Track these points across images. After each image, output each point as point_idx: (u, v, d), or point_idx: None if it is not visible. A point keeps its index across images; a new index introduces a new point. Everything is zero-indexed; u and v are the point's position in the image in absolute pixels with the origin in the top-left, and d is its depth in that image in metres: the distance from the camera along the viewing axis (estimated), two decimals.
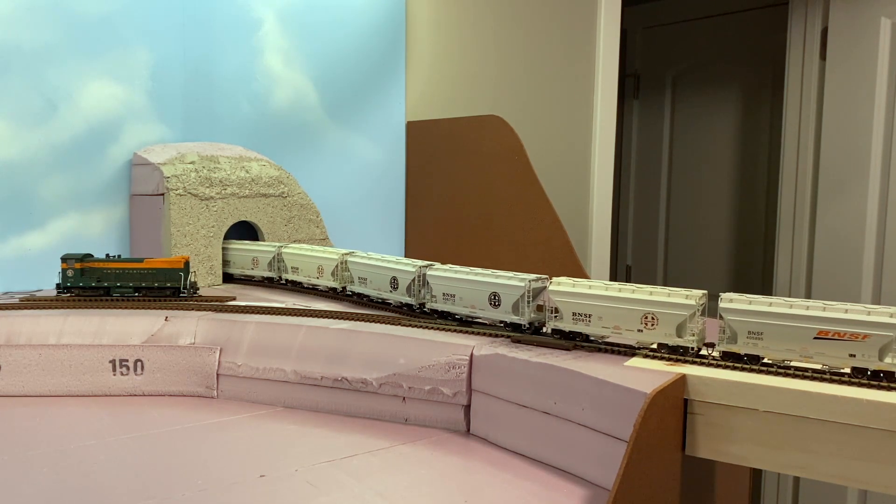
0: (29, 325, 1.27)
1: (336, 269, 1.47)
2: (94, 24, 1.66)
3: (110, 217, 1.72)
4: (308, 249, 1.57)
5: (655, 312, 1.00)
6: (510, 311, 1.14)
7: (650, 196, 3.78)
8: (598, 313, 1.05)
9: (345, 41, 2.04)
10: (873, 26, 2.69)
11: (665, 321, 1.00)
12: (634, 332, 1.02)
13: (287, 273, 1.60)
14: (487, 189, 2.05)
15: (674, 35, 3.64)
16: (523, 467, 0.99)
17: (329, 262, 1.49)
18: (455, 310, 1.23)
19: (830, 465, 0.84)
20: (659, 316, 1.00)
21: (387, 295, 1.35)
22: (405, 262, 1.33)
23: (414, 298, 1.29)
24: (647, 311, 1.01)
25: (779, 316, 0.93)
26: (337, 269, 1.48)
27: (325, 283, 1.51)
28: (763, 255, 3.36)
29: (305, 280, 1.56)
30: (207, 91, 1.83)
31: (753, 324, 0.94)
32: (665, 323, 1.00)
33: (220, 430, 1.11)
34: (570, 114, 2.61)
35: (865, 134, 2.72)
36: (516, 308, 1.13)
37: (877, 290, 2.73)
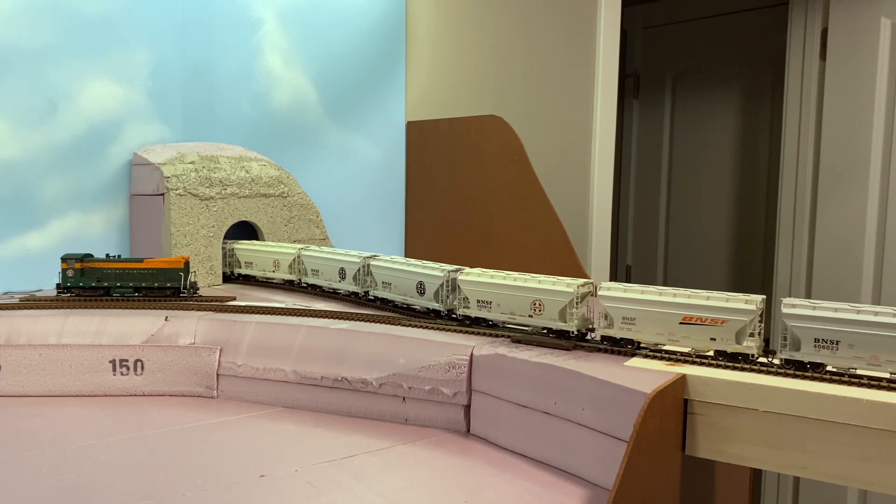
0: (29, 325, 1.27)
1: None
2: (94, 24, 1.66)
3: (110, 217, 1.72)
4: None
5: (542, 299, 1.07)
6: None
7: (650, 196, 3.78)
8: (496, 300, 1.13)
9: (345, 41, 2.04)
10: (873, 26, 2.69)
11: (550, 307, 1.06)
12: (526, 317, 1.10)
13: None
14: (487, 189, 2.05)
15: (674, 35, 3.64)
16: (523, 467, 0.99)
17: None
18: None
19: (830, 465, 0.84)
20: (545, 302, 1.07)
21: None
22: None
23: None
24: (535, 297, 1.08)
25: (649, 303, 1.00)
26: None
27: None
28: (763, 255, 3.36)
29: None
30: (207, 91, 1.83)
31: (627, 310, 1.01)
32: (550, 308, 1.06)
33: (220, 430, 1.11)
34: (570, 114, 2.61)
35: (865, 134, 2.72)
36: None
37: (877, 289, 2.73)
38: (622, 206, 3.86)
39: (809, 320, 0.91)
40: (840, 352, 0.89)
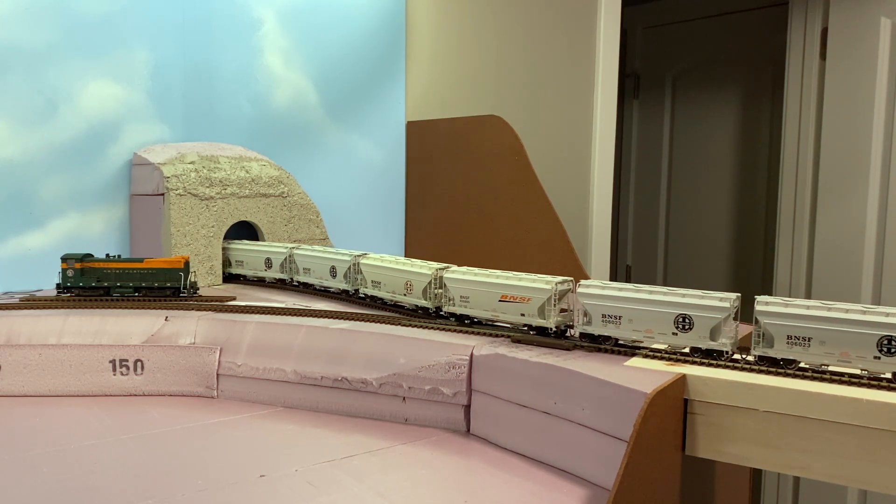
0: (29, 325, 1.27)
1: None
2: (95, 24, 1.66)
3: (110, 217, 1.72)
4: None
5: (411, 280, 1.23)
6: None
7: (650, 196, 3.78)
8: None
9: (345, 41, 2.04)
10: (873, 26, 2.69)
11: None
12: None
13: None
14: (487, 189, 2.05)
15: (674, 35, 3.64)
16: (523, 467, 0.99)
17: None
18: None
19: (830, 465, 0.84)
20: (413, 282, 1.24)
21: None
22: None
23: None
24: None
25: (477, 283, 1.18)
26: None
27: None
28: (763, 255, 3.36)
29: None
30: (207, 91, 1.83)
31: (463, 290, 1.19)
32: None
33: (220, 430, 1.11)
34: (570, 114, 2.61)
35: (865, 134, 2.72)
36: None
37: (877, 289, 2.73)
38: (622, 206, 3.86)
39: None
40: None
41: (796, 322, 0.92)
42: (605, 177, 2.68)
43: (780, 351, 0.92)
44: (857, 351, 0.88)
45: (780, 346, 0.93)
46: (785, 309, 0.92)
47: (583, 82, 2.63)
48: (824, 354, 0.90)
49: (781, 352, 0.92)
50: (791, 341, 0.92)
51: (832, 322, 0.90)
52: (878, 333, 0.87)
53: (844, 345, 0.89)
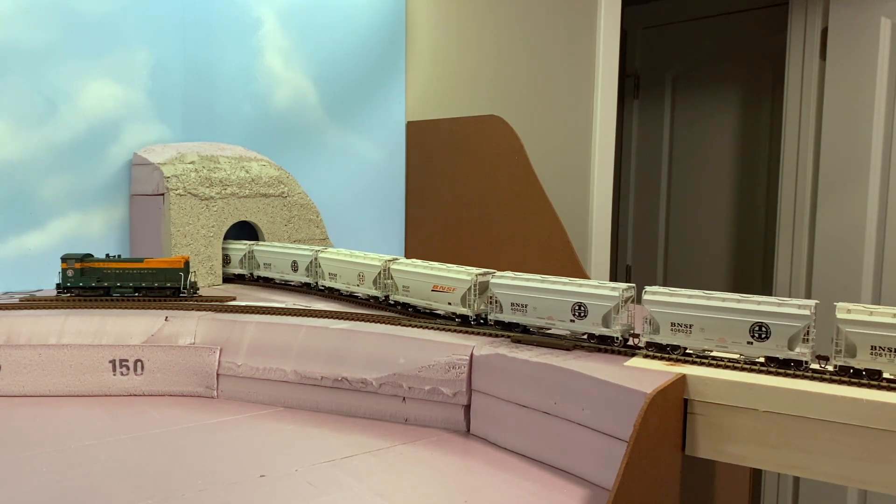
0: (29, 325, 1.27)
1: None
2: (94, 24, 1.66)
3: (110, 217, 1.72)
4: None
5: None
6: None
7: (650, 196, 3.78)
8: None
9: (345, 41, 2.04)
10: (873, 26, 2.69)
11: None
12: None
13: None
14: (487, 189, 2.05)
15: (674, 35, 3.64)
16: (523, 467, 0.99)
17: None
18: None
19: (830, 465, 0.84)
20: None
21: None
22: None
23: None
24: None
25: (415, 274, 1.28)
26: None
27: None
28: (763, 255, 3.36)
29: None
30: (207, 91, 1.83)
31: (404, 280, 1.30)
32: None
33: (220, 430, 1.11)
34: (570, 114, 2.61)
35: (865, 134, 2.72)
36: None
37: (877, 289, 2.73)
38: (622, 206, 3.86)
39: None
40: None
41: (679, 310, 0.98)
42: (605, 177, 2.68)
43: (666, 337, 0.99)
44: (733, 336, 0.95)
45: (666, 333, 0.99)
46: (669, 298, 0.99)
47: (583, 82, 2.62)
48: (704, 340, 0.96)
49: (667, 338, 0.99)
50: (675, 328, 0.98)
51: (710, 310, 0.96)
52: (751, 320, 0.94)
53: (722, 331, 0.95)
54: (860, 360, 0.90)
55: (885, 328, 0.89)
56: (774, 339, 0.93)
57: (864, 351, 0.90)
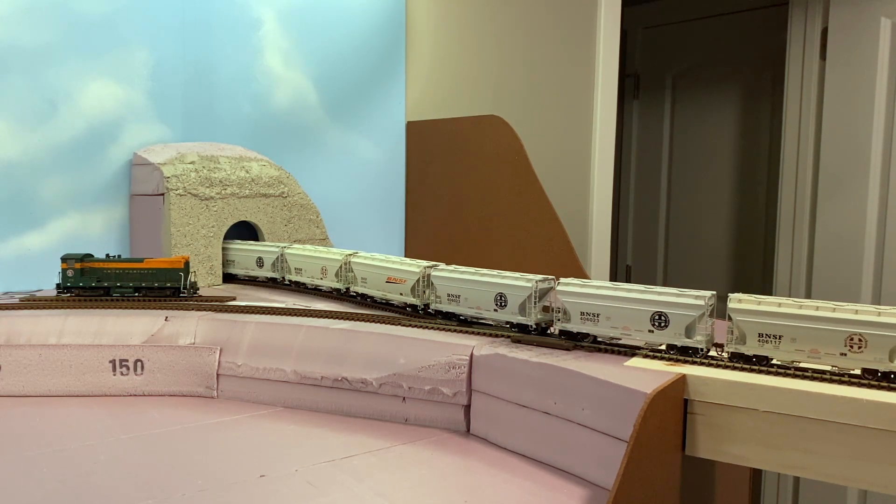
0: (29, 325, 1.27)
1: None
2: (94, 24, 1.66)
3: (110, 217, 1.72)
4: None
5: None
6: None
7: (650, 196, 3.78)
8: None
9: (345, 41, 2.04)
10: (873, 26, 2.69)
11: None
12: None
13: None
14: (487, 189, 2.05)
15: (674, 35, 3.64)
16: (523, 467, 0.99)
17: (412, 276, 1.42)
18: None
19: (830, 465, 0.84)
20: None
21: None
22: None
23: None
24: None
25: (371, 267, 1.38)
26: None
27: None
28: (763, 255, 3.36)
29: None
30: (207, 91, 1.83)
31: (362, 272, 1.40)
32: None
33: (220, 430, 1.11)
34: (570, 114, 2.61)
35: (865, 134, 2.72)
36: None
37: (877, 289, 2.73)
38: (622, 206, 3.86)
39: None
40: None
41: (587, 300, 1.06)
42: (605, 177, 2.68)
43: (576, 326, 1.07)
44: (636, 325, 1.01)
45: (576, 322, 1.07)
46: (580, 289, 1.07)
47: (583, 82, 2.62)
48: (610, 329, 1.04)
49: (577, 326, 1.07)
50: (584, 317, 1.07)
51: (615, 300, 1.03)
52: (650, 310, 1.00)
53: (625, 320, 1.02)
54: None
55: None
56: (673, 327, 0.99)
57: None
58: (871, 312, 0.88)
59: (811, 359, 0.91)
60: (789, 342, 0.92)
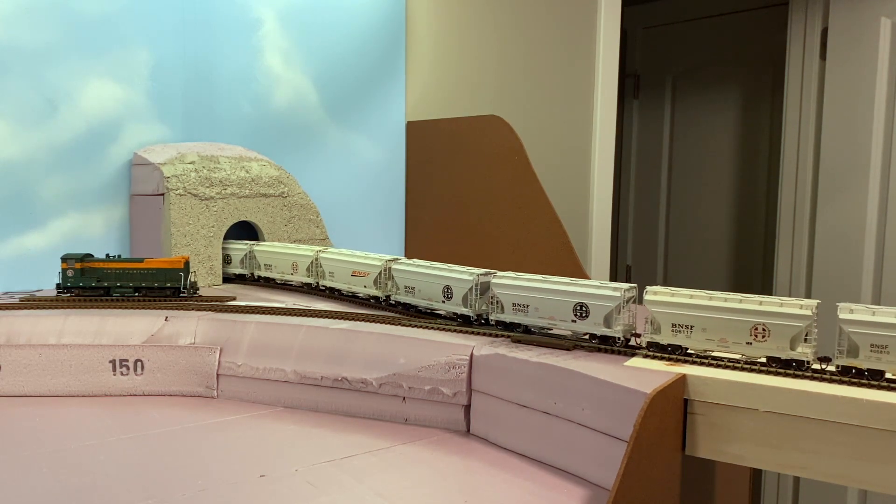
0: (29, 325, 1.27)
1: None
2: (94, 24, 1.66)
3: (110, 217, 1.72)
4: None
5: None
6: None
7: (650, 196, 3.78)
8: None
9: (345, 41, 2.04)
10: (873, 26, 2.69)
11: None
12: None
13: None
14: (487, 189, 2.05)
15: (674, 35, 3.64)
16: (523, 467, 0.99)
17: None
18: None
19: (830, 465, 0.84)
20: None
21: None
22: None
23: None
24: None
25: (338, 262, 1.45)
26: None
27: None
28: (763, 255, 3.36)
29: None
30: (207, 91, 1.83)
31: (330, 267, 1.46)
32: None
33: (220, 430, 1.11)
34: (570, 114, 2.61)
35: (865, 134, 2.72)
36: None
37: (877, 289, 2.73)
38: (622, 206, 3.86)
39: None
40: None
41: (517, 292, 1.12)
42: (605, 177, 2.68)
43: (509, 316, 1.13)
44: (560, 315, 1.08)
45: (509, 313, 1.13)
46: (512, 282, 1.13)
47: (583, 82, 2.63)
48: (538, 319, 1.10)
49: (510, 317, 1.13)
50: (516, 308, 1.12)
51: (541, 292, 1.10)
52: (572, 301, 1.06)
53: (551, 311, 1.08)
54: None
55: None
56: (593, 317, 1.06)
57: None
58: (775, 304, 0.94)
59: (721, 347, 0.96)
60: (700, 332, 0.98)
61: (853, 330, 0.89)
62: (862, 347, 0.88)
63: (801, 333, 0.92)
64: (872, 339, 0.87)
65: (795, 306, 0.93)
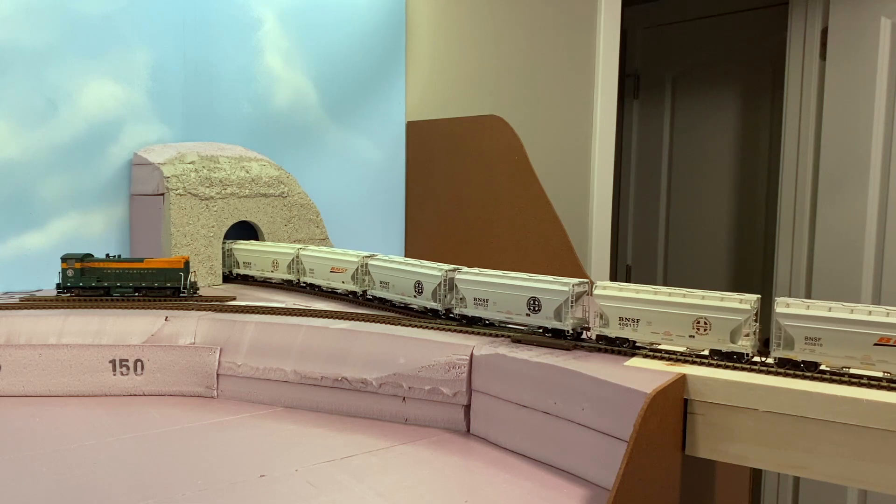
0: (29, 325, 1.27)
1: None
2: (94, 24, 1.66)
3: (110, 217, 1.72)
4: None
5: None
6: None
7: (650, 196, 3.78)
8: None
9: (345, 41, 2.04)
10: (873, 26, 2.69)
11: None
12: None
13: None
14: (487, 189, 2.05)
15: (674, 35, 3.64)
16: (523, 467, 0.99)
17: None
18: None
19: (830, 465, 0.84)
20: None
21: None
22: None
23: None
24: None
25: (318, 259, 1.51)
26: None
27: None
28: (763, 255, 3.36)
29: None
30: (207, 91, 1.83)
31: (310, 263, 1.53)
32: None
33: (220, 430, 1.11)
34: (570, 114, 2.61)
35: (865, 134, 2.72)
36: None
37: (877, 289, 2.73)
38: (622, 206, 3.86)
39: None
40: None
41: (478, 287, 1.17)
42: (605, 177, 2.68)
43: (471, 310, 1.18)
44: (516, 310, 1.12)
45: (470, 307, 1.18)
46: (474, 277, 1.18)
47: (583, 82, 2.62)
48: (496, 312, 1.15)
49: (471, 311, 1.18)
50: (477, 302, 1.17)
51: (499, 287, 1.14)
52: (526, 295, 1.10)
53: (508, 305, 1.13)
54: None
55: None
56: (544, 311, 1.10)
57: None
58: (716, 298, 0.98)
59: (665, 340, 1.01)
60: (646, 325, 1.02)
61: (788, 323, 0.92)
62: (797, 340, 0.91)
63: (741, 327, 0.95)
64: (806, 332, 0.91)
65: (735, 301, 0.96)
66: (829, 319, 0.89)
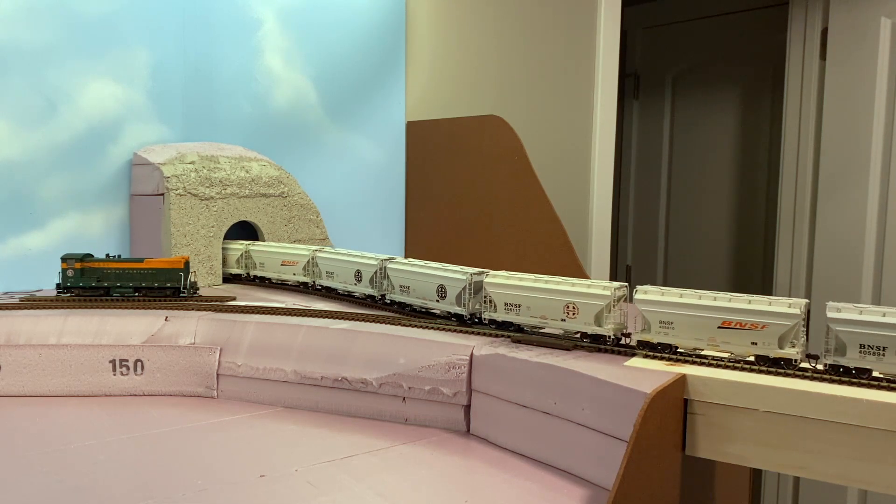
0: (29, 325, 1.27)
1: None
2: (94, 24, 1.66)
3: (110, 217, 1.72)
4: None
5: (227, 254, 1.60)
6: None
7: (650, 196, 3.78)
8: None
9: (345, 41, 2.04)
10: (873, 26, 2.69)
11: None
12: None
13: None
14: (487, 189, 2.05)
15: (674, 35, 3.64)
16: (523, 467, 0.99)
17: None
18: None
19: (830, 465, 0.84)
20: (228, 257, 1.63)
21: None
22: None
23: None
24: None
25: (268, 253, 1.65)
26: None
27: None
28: (763, 255, 3.36)
29: None
30: (207, 91, 1.83)
31: (260, 258, 1.65)
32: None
33: (220, 430, 1.11)
34: (570, 114, 2.61)
35: (865, 134, 2.72)
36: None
37: (877, 289, 2.73)
38: (622, 206, 3.86)
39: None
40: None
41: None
42: (605, 177, 2.68)
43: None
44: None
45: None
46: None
47: (583, 82, 2.62)
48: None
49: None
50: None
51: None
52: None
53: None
54: (499, 314, 1.18)
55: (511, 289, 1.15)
56: (449, 297, 1.21)
57: (501, 306, 1.18)
58: (583, 285, 1.08)
59: (542, 323, 1.11)
60: (526, 310, 1.12)
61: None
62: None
63: (602, 311, 1.05)
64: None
65: (599, 287, 1.06)
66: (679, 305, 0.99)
